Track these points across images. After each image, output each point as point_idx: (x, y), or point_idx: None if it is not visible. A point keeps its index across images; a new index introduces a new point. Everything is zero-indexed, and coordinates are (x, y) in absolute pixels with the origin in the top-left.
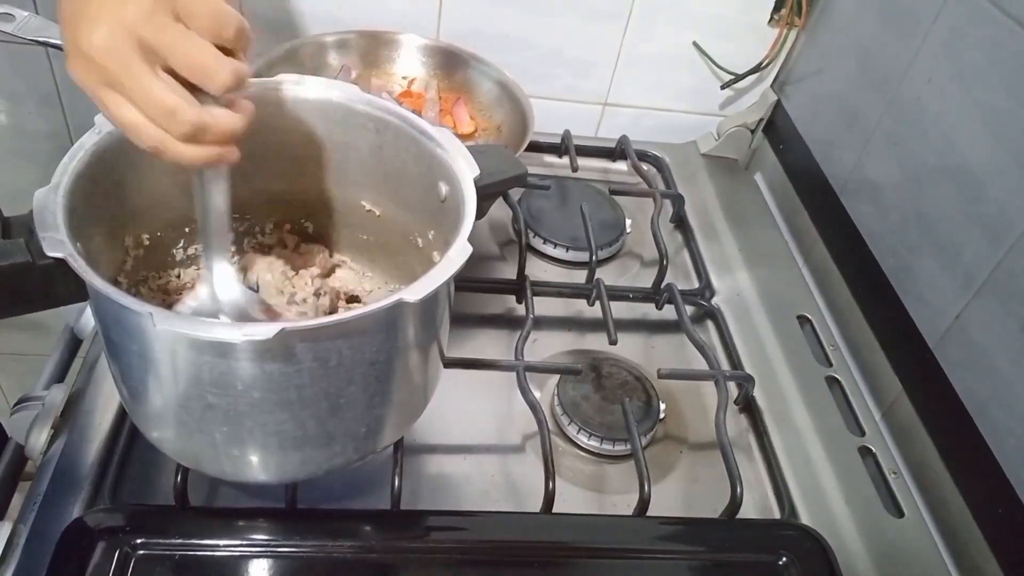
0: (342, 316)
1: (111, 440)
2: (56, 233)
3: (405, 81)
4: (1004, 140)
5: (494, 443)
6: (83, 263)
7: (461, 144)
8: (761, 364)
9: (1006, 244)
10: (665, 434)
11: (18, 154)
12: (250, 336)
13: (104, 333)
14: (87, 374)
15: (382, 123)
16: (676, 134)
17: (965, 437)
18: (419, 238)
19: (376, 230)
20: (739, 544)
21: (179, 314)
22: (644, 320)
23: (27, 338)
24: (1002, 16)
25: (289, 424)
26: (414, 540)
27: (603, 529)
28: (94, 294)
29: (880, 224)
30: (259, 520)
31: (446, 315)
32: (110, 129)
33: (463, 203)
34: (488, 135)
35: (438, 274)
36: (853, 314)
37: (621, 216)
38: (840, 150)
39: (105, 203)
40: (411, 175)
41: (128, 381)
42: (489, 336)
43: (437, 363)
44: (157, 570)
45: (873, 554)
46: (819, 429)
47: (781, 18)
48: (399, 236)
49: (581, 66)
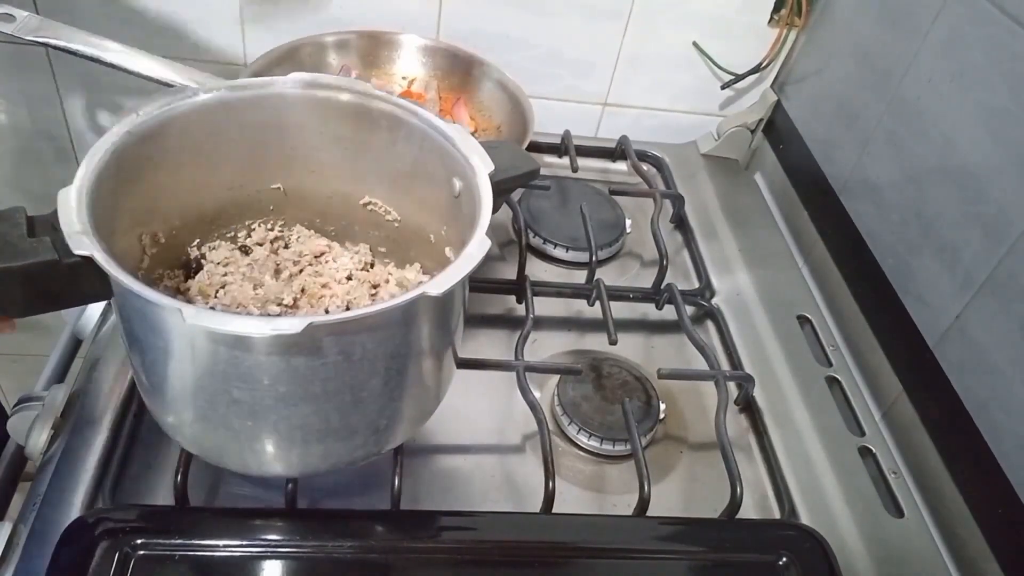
0: (367, 310)
1: (111, 440)
2: (81, 231)
3: (405, 81)
4: (1004, 140)
5: (494, 443)
6: (110, 260)
7: (474, 140)
8: (761, 364)
9: (1006, 244)
10: (665, 434)
11: (18, 154)
12: (278, 330)
13: (127, 329)
14: (87, 374)
15: (395, 120)
16: (676, 134)
17: (965, 437)
18: (431, 234)
19: (388, 226)
20: (739, 544)
21: (207, 309)
22: (644, 320)
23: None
24: (1002, 16)
25: (313, 417)
26: (414, 540)
27: (603, 529)
28: (120, 290)
29: (880, 224)
30: (259, 520)
31: (462, 310)
32: (128, 128)
33: (478, 198)
34: (488, 135)
35: (459, 268)
36: (853, 314)
37: (621, 216)
38: (840, 150)
39: (124, 202)
40: (424, 171)
41: (151, 378)
42: (489, 336)
43: (452, 358)
44: (157, 570)
45: (873, 554)
46: (819, 429)
47: (781, 18)
48: (411, 232)
49: (581, 66)
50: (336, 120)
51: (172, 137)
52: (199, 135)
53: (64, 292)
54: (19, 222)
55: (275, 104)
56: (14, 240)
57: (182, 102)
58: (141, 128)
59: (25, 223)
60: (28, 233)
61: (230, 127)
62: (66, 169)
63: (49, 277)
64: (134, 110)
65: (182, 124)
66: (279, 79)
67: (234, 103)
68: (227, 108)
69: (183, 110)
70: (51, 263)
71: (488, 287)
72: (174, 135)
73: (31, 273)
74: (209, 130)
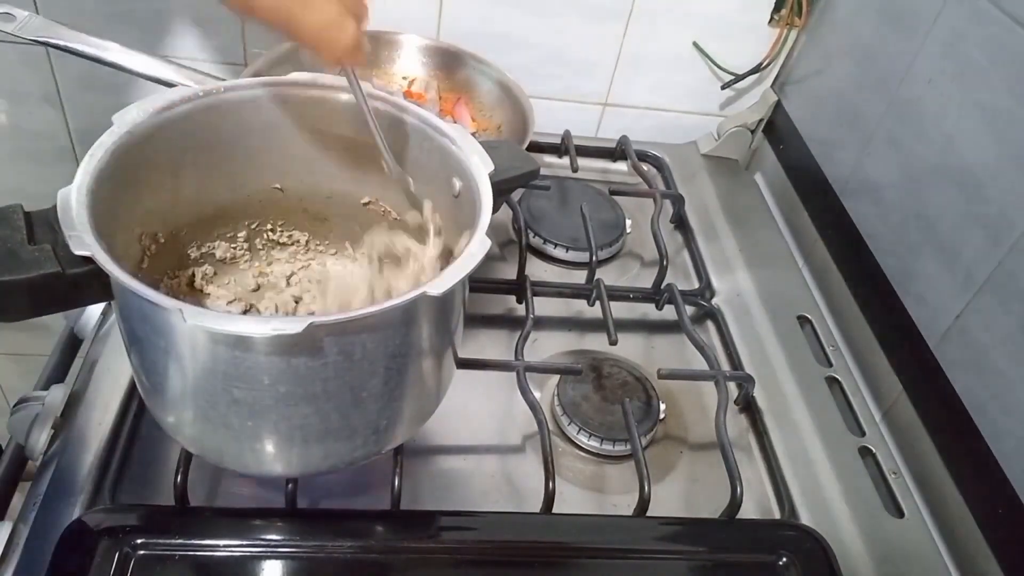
0: (367, 310)
1: (111, 440)
2: (82, 232)
3: (405, 81)
4: (1004, 140)
5: (494, 443)
6: (110, 260)
7: (475, 140)
8: (761, 364)
9: (1006, 244)
10: (665, 434)
11: (18, 154)
12: (279, 330)
13: (127, 329)
14: (87, 374)
15: (395, 120)
16: (676, 134)
17: (965, 437)
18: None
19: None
20: (739, 544)
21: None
22: (644, 320)
23: (27, 338)
24: (1002, 16)
25: (313, 417)
26: (414, 540)
27: (603, 529)
28: (121, 291)
29: (880, 224)
30: (259, 520)
31: (462, 310)
32: (128, 128)
33: (478, 198)
34: (488, 135)
35: (459, 267)
36: (853, 314)
37: (621, 216)
38: (840, 150)
39: (124, 201)
40: (424, 171)
41: (152, 378)
42: (489, 336)
43: (452, 358)
44: (157, 570)
45: (873, 554)
46: (819, 429)
47: (781, 18)
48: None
49: (581, 66)
50: (336, 120)
51: (172, 137)
52: (199, 135)
53: (66, 298)
54: (19, 225)
55: (275, 104)
56: (16, 248)
57: (182, 102)
58: (141, 128)
59: (24, 224)
60: (28, 238)
61: (230, 127)
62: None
63: (52, 288)
64: (134, 110)
65: (182, 124)
66: (279, 79)
67: (234, 103)
68: (227, 108)
69: (183, 110)
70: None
71: (488, 287)
72: (174, 135)
73: (34, 283)
74: (209, 130)
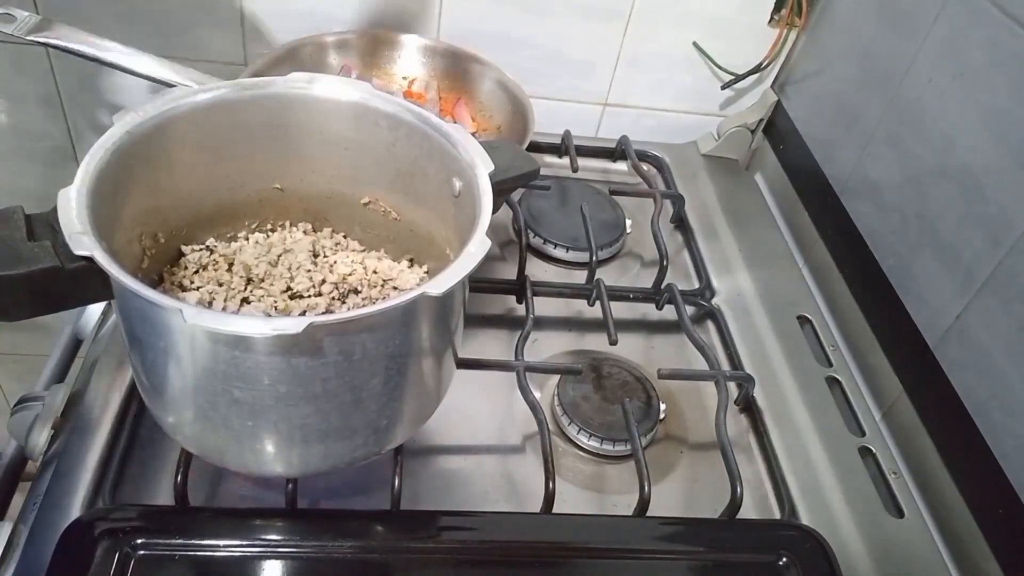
0: (367, 310)
1: (111, 440)
2: (81, 231)
3: (405, 81)
4: (1004, 140)
5: (494, 443)
6: (110, 260)
7: (475, 140)
8: (761, 364)
9: (1006, 244)
10: (665, 434)
11: (18, 154)
12: (279, 330)
13: (127, 329)
14: (87, 374)
15: (395, 120)
16: (676, 134)
17: (965, 437)
18: (432, 234)
19: (388, 226)
20: (739, 544)
21: (208, 309)
22: (644, 320)
23: (27, 338)
24: (1002, 16)
25: (313, 417)
26: (414, 540)
27: (603, 529)
28: (120, 291)
29: (880, 224)
30: (259, 520)
31: (462, 310)
32: (128, 129)
33: (479, 198)
34: (488, 135)
35: (460, 267)
36: (853, 314)
37: (621, 216)
38: (840, 150)
39: (124, 202)
40: (424, 171)
41: (152, 378)
42: (489, 336)
43: (452, 358)
44: (157, 570)
45: (873, 554)
46: (819, 429)
47: (781, 18)
48: (410, 232)
49: (581, 66)
50: (336, 120)
51: (172, 137)
52: (199, 135)
53: (66, 295)
54: (19, 224)
55: (275, 104)
56: (15, 244)
57: (182, 102)
58: (141, 128)
59: (24, 224)
60: (28, 236)
61: (230, 127)
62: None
63: (51, 282)
64: (134, 110)
65: (182, 124)
66: (279, 79)
67: (234, 103)
68: (227, 108)
69: (183, 110)
70: (53, 269)
71: (488, 287)
72: (174, 135)
73: (34, 279)
74: (209, 130)
